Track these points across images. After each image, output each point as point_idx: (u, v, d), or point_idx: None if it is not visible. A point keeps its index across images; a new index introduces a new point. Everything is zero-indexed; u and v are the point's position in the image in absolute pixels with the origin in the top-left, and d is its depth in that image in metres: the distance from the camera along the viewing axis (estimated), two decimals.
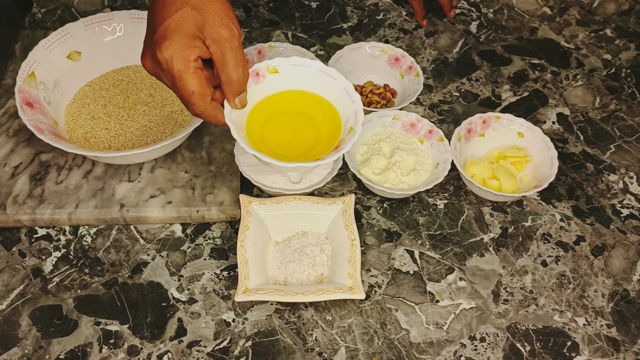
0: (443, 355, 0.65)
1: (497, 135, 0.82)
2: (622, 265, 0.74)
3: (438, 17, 1.02)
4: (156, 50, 0.56)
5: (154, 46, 0.56)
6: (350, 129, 0.65)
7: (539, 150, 0.79)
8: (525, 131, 0.81)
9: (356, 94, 0.66)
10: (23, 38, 0.91)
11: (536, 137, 0.80)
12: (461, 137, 0.79)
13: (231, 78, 0.58)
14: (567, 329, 0.68)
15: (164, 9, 0.56)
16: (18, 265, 0.70)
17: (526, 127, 0.81)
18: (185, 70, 0.56)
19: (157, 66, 0.57)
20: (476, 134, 0.81)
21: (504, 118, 0.81)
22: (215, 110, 0.60)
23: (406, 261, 0.72)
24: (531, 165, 0.79)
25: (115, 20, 0.84)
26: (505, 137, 0.82)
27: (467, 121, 0.80)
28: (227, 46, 0.57)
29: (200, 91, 0.57)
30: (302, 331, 0.66)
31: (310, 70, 0.67)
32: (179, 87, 0.57)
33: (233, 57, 0.57)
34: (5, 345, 0.64)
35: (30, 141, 0.78)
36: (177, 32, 0.55)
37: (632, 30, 1.03)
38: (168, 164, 0.77)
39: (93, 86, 0.83)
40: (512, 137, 0.81)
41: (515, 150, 0.81)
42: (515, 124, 0.81)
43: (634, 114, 0.90)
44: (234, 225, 0.75)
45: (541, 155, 0.79)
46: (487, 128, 0.81)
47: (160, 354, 0.64)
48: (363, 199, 0.78)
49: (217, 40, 0.57)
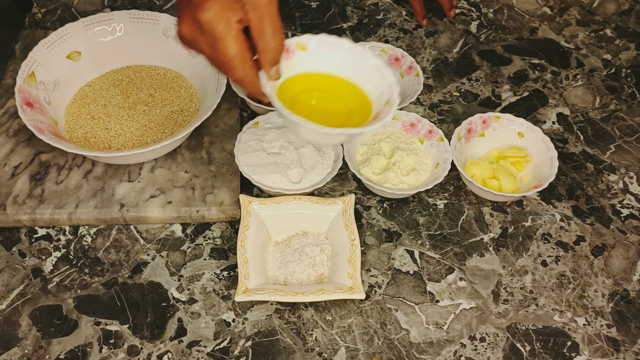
0: (443, 355, 0.65)
1: (497, 135, 0.82)
2: (622, 265, 0.74)
3: (438, 17, 1.02)
4: (197, 12, 0.54)
5: (194, 8, 0.54)
6: (387, 102, 0.64)
7: (539, 150, 0.79)
8: (525, 131, 0.81)
9: (389, 69, 0.65)
10: (23, 38, 0.91)
11: (536, 137, 0.80)
12: (461, 137, 0.79)
13: (269, 46, 0.57)
14: (567, 329, 0.68)
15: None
16: (18, 265, 0.70)
17: (526, 127, 0.81)
18: (227, 32, 0.54)
19: (197, 29, 0.55)
20: (476, 134, 0.81)
21: (504, 118, 0.81)
22: (255, 77, 0.58)
23: (406, 261, 0.73)
24: (531, 165, 0.79)
25: (115, 20, 0.84)
26: (505, 137, 0.82)
27: (467, 121, 0.80)
28: (265, 12, 0.55)
29: (242, 54, 0.56)
30: (302, 331, 0.66)
31: (339, 50, 0.65)
32: (220, 50, 0.55)
33: (271, 24, 0.56)
34: (5, 345, 0.64)
35: (30, 141, 0.78)
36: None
37: (632, 30, 1.03)
38: (168, 164, 0.77)
39: (93, 86, 0.83)
40: (512, 137, 0.81)
41: (515, 150, 0.81)
42: (515, 124, 0.81)
43: (634, 114, 0.90)
44: (234, 225, 0.75)
45: (541, 155, 0.79)
46: (487, 128, 0.81)
47: (160, 354, 0.64)
48: (363, 199, 0.78)
49: (256, 6, 0.55)
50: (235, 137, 0.79)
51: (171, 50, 0.84)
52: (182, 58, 0.84)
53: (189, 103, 0.82)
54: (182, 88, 0.83)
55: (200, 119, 0.73)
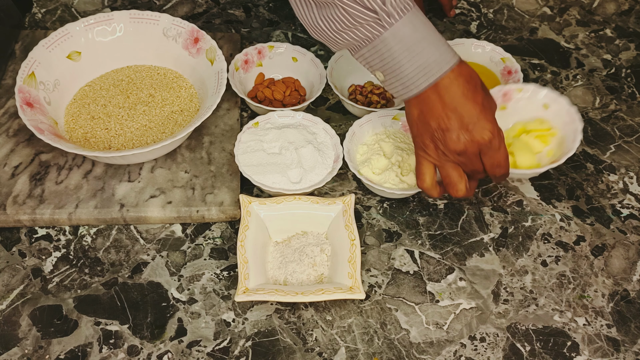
0: (443, 355, 0.65)
1: (520, 108, 0.79)
2: (622, 265, 0.74)
3: (438, 17, 1.02)
4: (481, 133, 0.64)
5: (477, 130, 0.64)
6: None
7: (563, 122, 0.77)
8: (551, 102, 0.78)
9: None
10: (23, 38, 0.91)
11: (561, 109, 0.78)
12: None
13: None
14: (567, 329, 0.68)
15: (467, 101, 0.63)
16: (18, 265, 0.70)
17: (551, 97, 0.79)
18: (503, 141, 0.67)
19: (478, 146, 0.65)
20: (497, 107, 0.79)
21: (528, 89, 0.79)
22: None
23: (406, 261, 0.73)
24: (557, 139, 0.78)
25: (115, 20, 0.83)
26: (529, 110, 0.80)
27: None
28: (493, 113, 0.68)
29: (507, 157, 0.69)
30: (302, 331, 0.66)
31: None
32: (497, 157, 0.66)
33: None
34: (5, 345, 0.64)
35: (30, 141, 0.78)
36: (489, 117, 0.65)
37: (632, 30, 1.03)
38: (168, 164, 0.77)
39: (93, 86, 0.83)
40: (536, 109, 0.79)
41: (538, 122, 0.79)
42: (540, 95, 0.79)
43: (634, 114, 0.90)
44: (234, 225, 0.75)
45: (566, 128, 0.77)
46: (509, 101, 0.80)
47: (160, 354, 0.64)
48: (363, 199, 0.78)
49: (491, 110, 0.67)
50: (235, 137, 0.79)
51: (171, 50, 0.84)
52: (182, 58, 0.84)
53: (189, 103, 0.82)
54: (182, 88, 0.83)
55: (200, 119, 0.73)
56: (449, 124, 0.64)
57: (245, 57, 0.87)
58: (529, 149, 0.78)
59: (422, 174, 0.69)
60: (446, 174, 0.68)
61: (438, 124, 0.64)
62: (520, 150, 0.77)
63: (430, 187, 0.70)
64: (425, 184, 0.69)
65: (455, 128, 0.64)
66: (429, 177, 0.69)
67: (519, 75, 0.87)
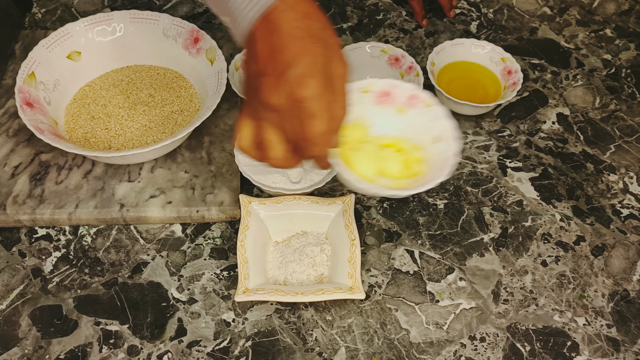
0: (443, 355, 0.65)
1: (414, 122, 0.66)
2: (622, 265, 0.74)
3: (438, 17, 1.02)
4: (298, 87, 0.52)
5: (292, 82, 0.52)
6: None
7: (435, 164, 0.64)
8: (442, 137, 0.64)
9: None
10: (23, 38, 0.91)
11: (443, 152, 0.64)
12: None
13: (337, 113, 0.56)
14: (567, 329, 0.68)
15: (295, 42, 0.52)
16: (18, 265, 0.70)
17: (445, 134, 0.64)
18: (324, 111, 0.53)
19: (293, 103, 0.53)
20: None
21: (432, 112, 0.65)
22: (327, 153, 0.58)
23: (406, 261, 0.73)
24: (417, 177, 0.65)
25: (115, 20, 0.83)
26: (418, 130, 0.67)
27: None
28: (341, 82, 0.55)
29: (329, 133, 0.55)
30: (302, 331, 0.66)
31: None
32: (311, 125, 0.54)
33: (342, 94, 0.56)
34: (5, 345, 0.64)
35: (30, 141, 0.78)
36: (318, 70, 0.52)
37: (632, 30, 1.03)
38: (168, 164, 0.77)
39: (93, 86, 0.83)
40: (425, 134, 0.66)
41: (413, 148, 0.66)
42: (439, 125, 0.65)
43: (634, 114, 0.90)
44: (234, 225, 0.75)
45: (431, 173, 0.64)
46: (411, 108, 0.67)
47: (160, 354, 0.64)
48: (363, 199, 0.78)
49: (336, 76, 0.55)
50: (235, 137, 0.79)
51: (171, 50, 0.84)
52: (182, 58, 0.84)
53: (189, 103, 0.82)
54: (182, 88, 0.83)
55: (200, 119, 0.73)
56: (266, 67, 0.53)
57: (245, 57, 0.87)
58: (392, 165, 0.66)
59: (238, 131, 0.59)
60: (262, 135, 0.57)
61: (257, 67, 0.54)
62: (390, 161, 0.65)
63: (246, 148, 0.59)
64: (240, 144, 0.59)
65: (271, 74, 0.53)
66: (247, 135, 0.59)
67: (519, 75, 0.87)
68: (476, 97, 0.87)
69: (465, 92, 0.88)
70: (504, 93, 0.87)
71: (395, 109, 0.66)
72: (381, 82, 0.65)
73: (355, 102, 0.63)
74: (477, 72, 0.91)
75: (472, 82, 0.90)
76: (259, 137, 0.57)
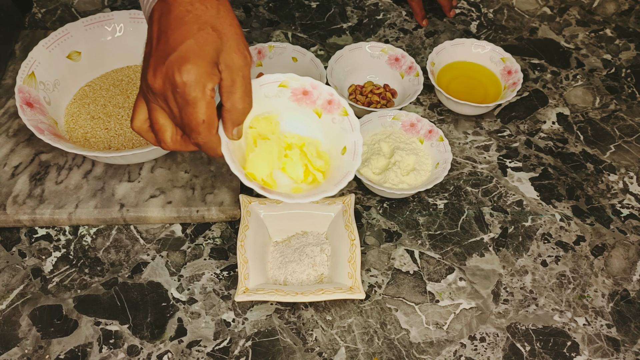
0: (443, 355, 0.65)
1: (329, 126, 0.65)
2: (622, 265, 0.74)
3: (438, 17, 1.02)
4: (174, 72, 0.52)
5: (171, 67, 0.52)
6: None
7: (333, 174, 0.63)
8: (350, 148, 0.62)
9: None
10: (23, 38, 0.91)
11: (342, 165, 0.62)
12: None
13: (236, 107, 0.56)
14: (567, 329, 0.68)
15: (182, 26, 0.52)
16: (18, 265, 0.70)
17: (357, 142, 0.62)
18: (201, 99, 0.52)
19: (170, 88, 0.53)
20: None
21: (348, 121, 0.63)
22: (217, 142, 0.57)
23: (406, 261, 0.73)
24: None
25: (115, 20, 0.84)
26: (331, 133, 0.65)
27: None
28: (239, 74, 0.54)
29: (210, 121, 0.54)
30: (302, 331, 0.66)
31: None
32: (189, 113, 0.53)
33: (242, 86, 0.55)
34: (5, 345, 0.64)
35: (30, 141, 0.78)
36: (199, 56, 0.52)
37: (632, 30, 1.03)
38: (168, 164, 0.77)
39: (93, 86, 0.83)
40: (338, 137, 0.64)
41: (317, 152, 0.64)
42: (350, 136, 0.63)
43: (634, 114, 0.90)
44: (234, 225, 0.75)
45: (331, 180, 0.62)
46: (329, 113, 0.64)
47: (160, 354, 0.64)
48: (363, 199, 0.78)
49: (231, 66, 0.54)
50: None
51: None
52: None
53: None
54: None
55: None
56: (153, 49, 0.53)
57: None
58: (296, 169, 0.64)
59: (133, 112, 0.58)
60: (152, 117, 0.57)
61: (147, 48, 0.54)
62: (293, 163, 0.64)
63: (140, 130, 0.59)
64: (134, 125, 0.59)
65: (155, 56, 0.53)
66: (140, 117, 0.58)
67: (519, 75, 0.87)
68: (476, 97, 0.87)
69: (465, 92, 0.88)
70: (504, 93, 0.87)
71: (312, 110, 0.64)
72: (301, 80, 0.63)
73: (272, 96, 0.62)
74: (477, 72, 0.91)
75: (472, 82, 0.90)
76: (152, 120, 0.56)
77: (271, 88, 0.63)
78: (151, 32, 0.54)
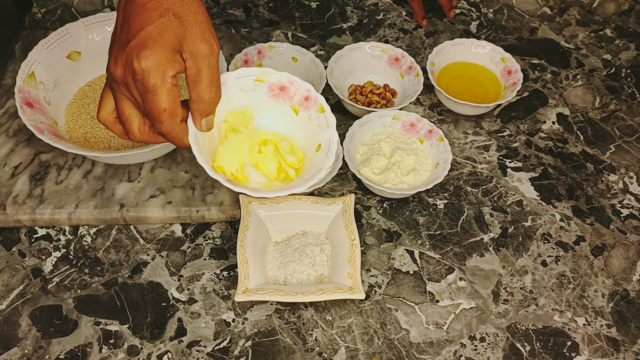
0: (443, 355, 0.65)
1: (305, 123, 0.64)
2: (622, 265, 0.74)
3: (438, 17, 1.02)
4: (133, 59, 0.51)
5: (130, 53, 0.51)
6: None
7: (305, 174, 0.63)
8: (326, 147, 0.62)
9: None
10: (23, 38, 0.91)
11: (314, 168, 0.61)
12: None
13: (202, 97, 0.54)
14: (567, 329, 0.68)
15: (143, 13, 0.51)
16: (18, 265, 0.70)
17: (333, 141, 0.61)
18: (162, 85, 0.51)
19: (130, 76, 0.52)
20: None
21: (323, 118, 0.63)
22: (182, 132, 0.56)
23: (406, 261, 0.73)
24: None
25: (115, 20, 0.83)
26: (308, 130, 0.64)
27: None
28: (204, 63, 0.53)
29: (172, 110, 0.53)
30: (302, 331, 0.66)
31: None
32: (150, 102, 0.52)
33: (209, 76, 0.54)
34: (5, 345, 0.64)
35: (30, 141, 0.78)
36: (158, 42, 0.51)
37: (632, 30, 1.03)
38: (168, 164, 0.77)
39: (93, 86, 0.83)
40: (315, 134, 0.63)
41: (291, 147, 0.64)
42: (325, 133, 0.63)
43: (634, 114, 0.90)
44: (234, 225, 0.75)
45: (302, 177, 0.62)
46: (305, 107, 0.64)
47: (160, 354, 0.64)
48: (363, 199, 0.78)
49: (196, 55, 0.53)
50: None
51: None
52: None
53: None
54: (181, 88, 0.83)
55: None
56: (116, 37, 0.52)
57: (245, 57, 0.87)
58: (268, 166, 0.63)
59: (100, 103, 0.57)
60: (118, 107, 0.56)
61: (112, 36, 0.53)
62: (266, 159, 0.63)
63: (106, 121, 0.58)
64: (100, 116, 0.58)
65: (117, 43, 0.52)
66: (107, 108, 0.57)
67: (519, 75, 0.87)
68: (476, 97, 0.87)
69: (465, 92, 0.88)
70: (504, 93, 0.87)
71: (289, 106, 0.63)
72: (277, 75, 0.62)
73: (249, 90, 0.61)
74: (477, 72, 0.91)
75: (472, 82, 0.90)
76: (118, 111, 0.55)
77: (247, 82, 0.61)
78: (116, 21, 0.54)
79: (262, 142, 0.63)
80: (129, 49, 0.51)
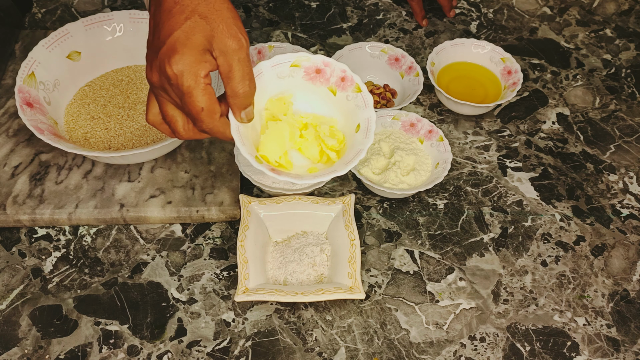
0: (443, 355, 0.65)
1: (343, 104, 0.64)
2: (622, 265, 0.74)
3: (438, 17, 1.02)
4: (165, 65, 0.53)
5: (162, 60, 0.53)
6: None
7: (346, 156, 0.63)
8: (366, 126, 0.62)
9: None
10: (23, 38, 0.91)
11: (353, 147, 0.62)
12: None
13: (237, 91, 0.56)
14: (567, 329, 0.68)
15: (170, 19, 0.53)
16: (18, 265, 0.70)
17: (372, 121, 0.62)
18: (195, 87, 0.53)
19: (166, 81, 0.54)
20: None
21: (360, 98, 0.63)
22: (224, 127, 0.57)
23: (406, 261, 0.73)
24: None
25: (115, 20, 0.84)
26: (348, 111, 0.65)
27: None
28: (234, 58, 0.54)
29: (210, 108, 0.55)
30: (302, 331, 0.66)
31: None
32: (188, 103, 0.54)
33: (240, 70, 0.55)
34: (5, 345, 0.64)
35: (30, 141, 0.78)
36: (187, 46, 0.52)
37: (632, 30, 1.03)
38: (168, 164, 0.77)
39: (93, 86, 0.83)
40: (352, 116, 0.64)
41: (331, 129, 0.65)
42: (364, 113, 0.63)
43: (634, 114, 0.90)
44: (234, 225, 0.75)
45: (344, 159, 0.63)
46: (343, 90, 0.64)
47: (160, 354, 0.64)
48: (363, 199, 0.78)
49: (225, 51, 0.54)
50: None
51: None
52: None
53: None
54: None
55: None
56: (148, 43, 0.54)
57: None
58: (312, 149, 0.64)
59: (147, 106, 0.60)
60: (162, 109, 0.58)
61: (147, 42, 0.55)
62: (308, 143, 0.64)
63: (155, 122, 0.60)
64: (148, 118, 0.60)
65: (150, 50, 0.54)
66: (153, 110, 0.59)
67: (519, 75, 0.87)
68: (476, 97, 0.87)
69: (465, 92, 0.88)
70: (504, 93, 0.87)
71: (327, 88, 0.64)
72: (312, 58, 0.63)
73: (285, 76, 0.62)
74: (477, 72, 0.91)
75: (472, 82, 0.90)
76: (162, 112, 0.58)
77: (283, 68, 0.63)
78: (149, 27, 0.56)
79: (302, 126, 0.64)
80: (161, 55, 0.53)
